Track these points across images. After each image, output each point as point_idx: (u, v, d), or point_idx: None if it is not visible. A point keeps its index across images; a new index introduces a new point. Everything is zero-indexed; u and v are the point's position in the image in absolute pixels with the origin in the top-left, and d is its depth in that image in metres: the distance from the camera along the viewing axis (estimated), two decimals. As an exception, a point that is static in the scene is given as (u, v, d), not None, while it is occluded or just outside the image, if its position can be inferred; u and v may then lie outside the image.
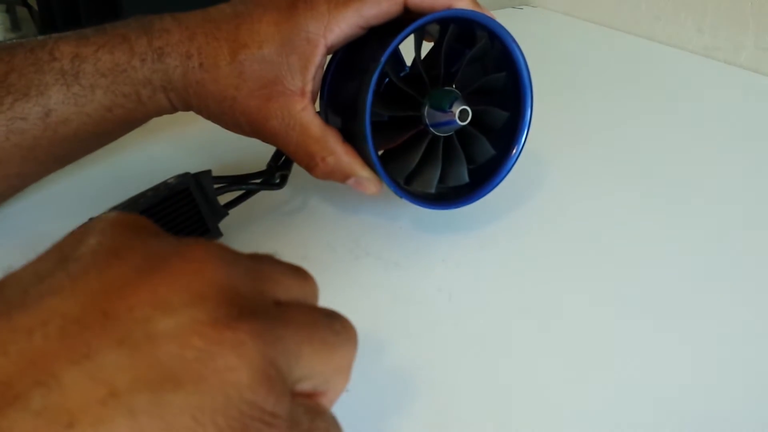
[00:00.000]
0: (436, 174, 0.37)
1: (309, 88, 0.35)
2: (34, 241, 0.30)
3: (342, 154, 0.36)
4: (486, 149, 0.38)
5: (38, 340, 0.15)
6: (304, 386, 0.19)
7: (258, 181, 0.38)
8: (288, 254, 0.38)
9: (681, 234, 0.40)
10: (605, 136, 0.52)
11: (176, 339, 0.16)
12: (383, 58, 0.32)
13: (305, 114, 0.35)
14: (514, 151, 0.38)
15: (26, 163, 0.36)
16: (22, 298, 0.16)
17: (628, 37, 0.77)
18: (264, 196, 0.40)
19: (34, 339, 0.15)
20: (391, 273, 0.36)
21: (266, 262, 0.21)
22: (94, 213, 0.31)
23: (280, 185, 0.39)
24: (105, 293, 0.16)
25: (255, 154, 0.41)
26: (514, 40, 0.36)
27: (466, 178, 0.38)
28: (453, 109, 0.34)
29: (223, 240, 0.37)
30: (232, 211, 0.37)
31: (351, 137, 0.36)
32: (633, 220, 0.41)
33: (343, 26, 0.34)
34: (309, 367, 0.18)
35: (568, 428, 0.27)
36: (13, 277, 0.18)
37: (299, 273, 0.22)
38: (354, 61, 0.36)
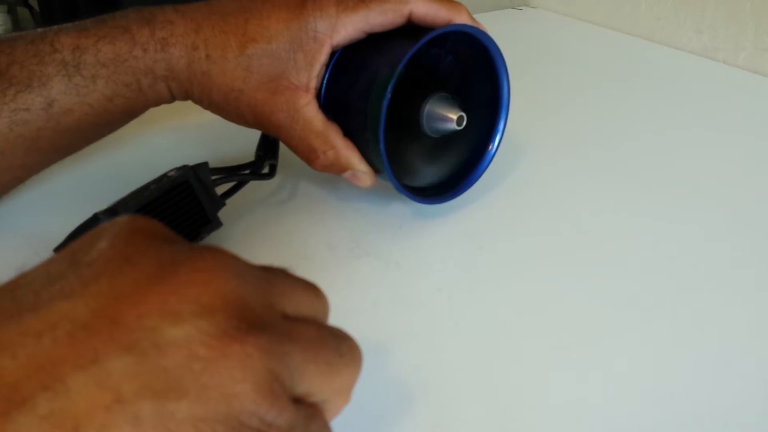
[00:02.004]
0: (424, 170, 0.40)
1: (313, 84, 0.36)
2: (36, 237, 0.30)
3: (342, 149, 0.37)
4: (464, 149, 0.41)
5: (47, 344, 0.15)
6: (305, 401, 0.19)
7: (247, 171, 0.39)
8: (287, 252, 0.38)
9: (679, 231, 0.40)
10: (604, 136, 0.52)
11: (183, 349, 0.16)
12: (400, 67, 0.34)
13: (309, 109, 0.36)
14: (489, 150, 0.42)
15: (29, 154, 0.36)
16: (33, 300, 0.16)
17: (627, 38, 0.77)
18: (257, 186, 0.41)
19: (42, 343, 0.15)
20: (391, 273, 0.36)
21: (278, 275, 0.21)
22: (96, 208, 0.31)
23: (270, 175, 0.41)
24: (115, 300, 0.16)
25: (245, 145, 0.42)
26: (501, 56, 0.40)
27: (446, 175, 0.41)
28: (452, 114, 0.36)
29: (223, 229, 0.37)
30: (228, 201, 0.38)
31: (349, 132, 0.38)
32: (634, 222, 0.41)
33: (349, 29, 0.36)
34: (310, 386, 0.19)
35: (570, 429, 0.27)
36: (26, 278, 0.18)
37: (310, 288, 0.22)
38: (353, 62, 0.37)
